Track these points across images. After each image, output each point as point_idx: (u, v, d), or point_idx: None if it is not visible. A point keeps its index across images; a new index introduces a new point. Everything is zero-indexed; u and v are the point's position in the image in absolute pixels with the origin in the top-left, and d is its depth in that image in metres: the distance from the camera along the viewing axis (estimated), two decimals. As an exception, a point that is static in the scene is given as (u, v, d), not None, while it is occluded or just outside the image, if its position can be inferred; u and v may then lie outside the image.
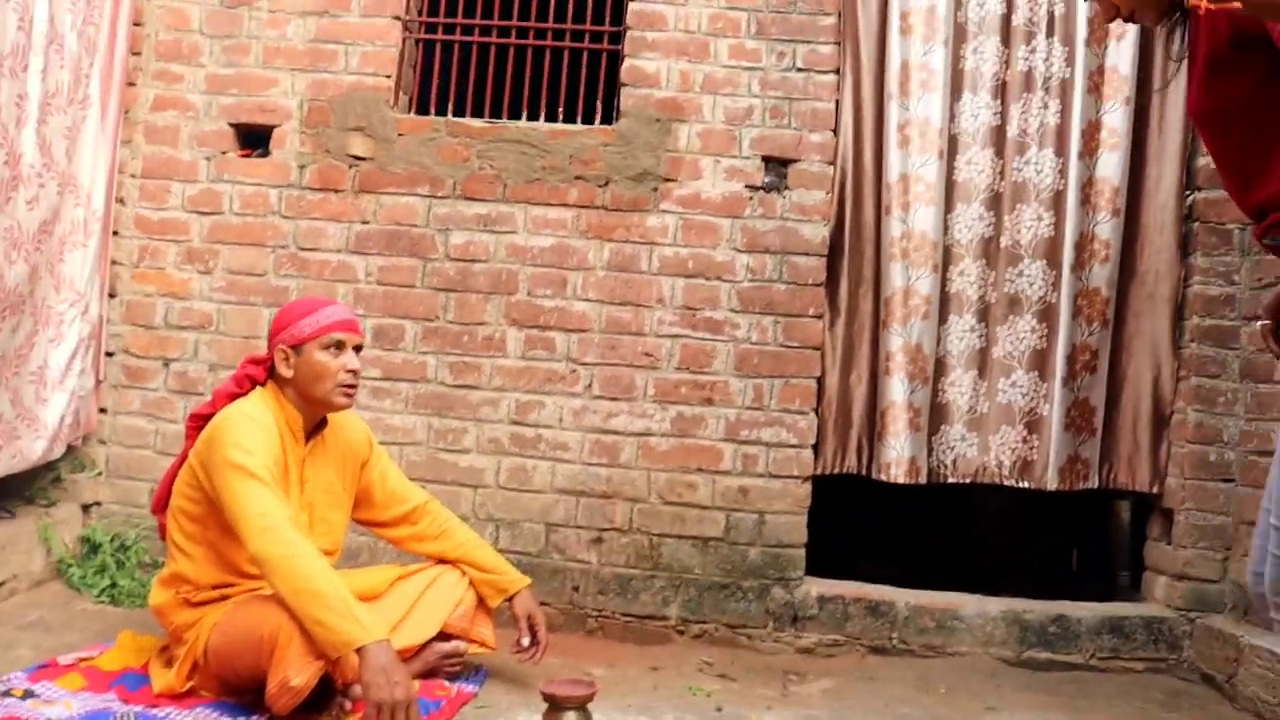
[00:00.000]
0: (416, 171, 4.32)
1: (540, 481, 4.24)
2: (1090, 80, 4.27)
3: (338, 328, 3.18)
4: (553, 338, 4.28)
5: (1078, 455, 4.29)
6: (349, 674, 2.84)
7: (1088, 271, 4.27)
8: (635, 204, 4.27)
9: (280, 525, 2.88)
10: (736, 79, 4.30)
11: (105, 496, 4.37)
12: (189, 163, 4.42)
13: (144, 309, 4.40)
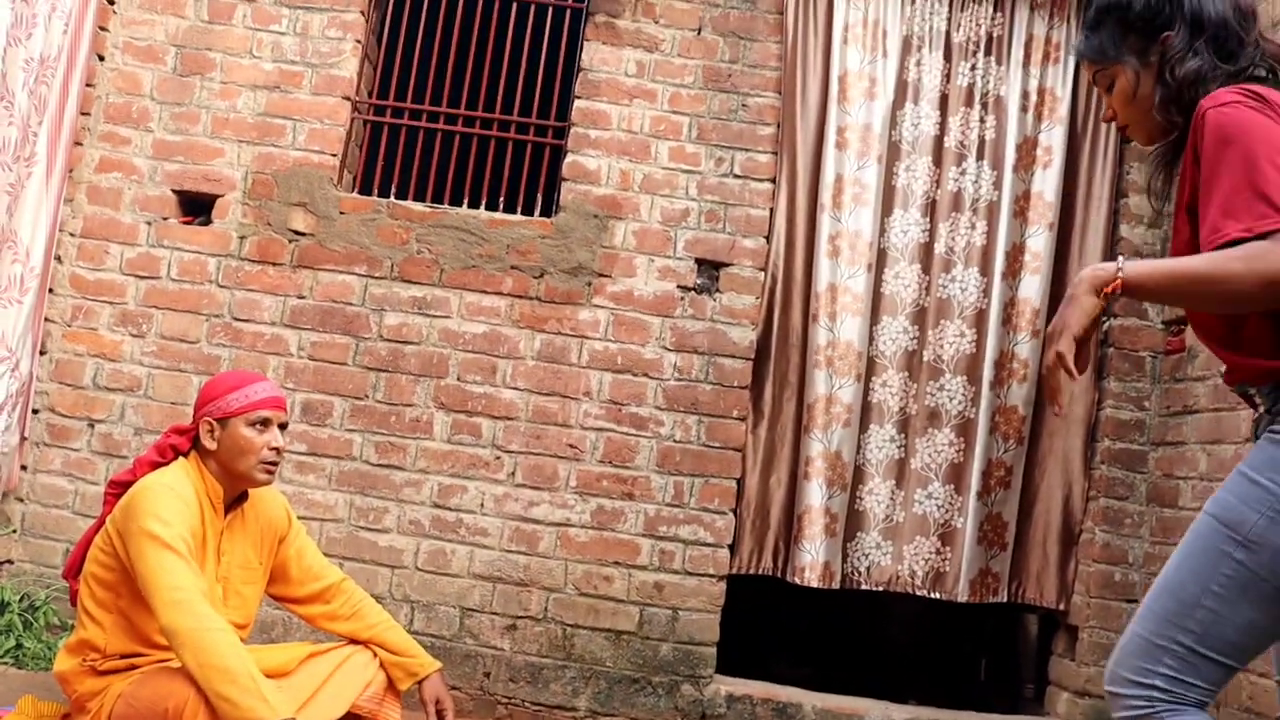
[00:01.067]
0: (355, 250, 4.38)
1: (458, 565, 4.26)
2: (1016, 204, 4.42)
3: (266, 405, 3.19)
4: (479, 423, 4.32)
5: (989, 569, 4.37)
6: (250, 754, 2.84)
7: (1006, 389, 4.39)
8: (569, 297, 4.34)
9: (192, 599, 2.87)
10: (675, 180, 4.41)
11: (18, 555, 4.32)
12: (130, 225, 4.45)
13: (73, 368, 4.40)
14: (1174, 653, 1.94)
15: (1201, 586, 1.95)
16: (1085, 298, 2.02)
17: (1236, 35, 2.14)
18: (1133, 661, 1.99)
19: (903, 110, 4.48)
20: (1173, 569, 2.00)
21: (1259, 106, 1.98)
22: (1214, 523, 1.97)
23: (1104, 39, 2.24)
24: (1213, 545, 1.96)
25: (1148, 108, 2.20)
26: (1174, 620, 1.96)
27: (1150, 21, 2.17)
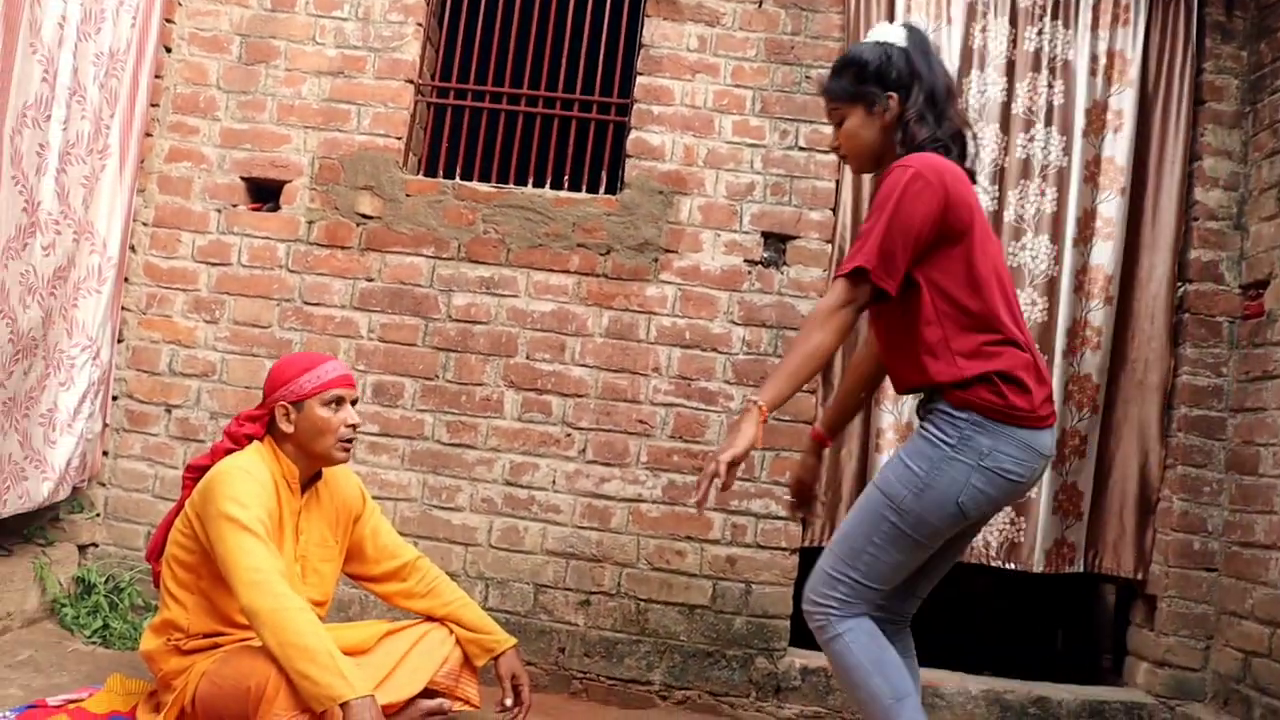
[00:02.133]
0: (422, 232, 4.41)
1: (531, 542, 4.29)
2: (1086, 170, 4.36)
3: (338, 384, 3.23)
4: (549, 401, 4.34)
5: (1064, 539, 4.33)
6: (333, 729, 2.89)
7: (1079, 358, 4.34)
8: (636, 273, 4.35)
9: (271, 579, 2.92)
10: (739, 155, 4.40)
11: (102, 538, 4.41)
12: (200, 214, 4.51)
13: (149, 355, 4.48)
14: (846, 583, 2.75)
15: (866, 538, 2.74)
16: (746, 426, 2.63)
17: (942, 110, 2.79)
18: (818, 588, 2.77)
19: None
20: (850, 521, 2.79)
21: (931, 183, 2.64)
22: (878, 493, 2.76)
23: (843, 84, 2.86)
24: (876, 510, 2.74)
25: (865, 145, 2.87)
26: (848, 559, 2.75)
27: (881, 81, 2.81)
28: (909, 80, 2.80)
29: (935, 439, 2.71)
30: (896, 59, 2.81)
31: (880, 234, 2.64)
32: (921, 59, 2.83)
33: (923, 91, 2.80)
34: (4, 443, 3.66)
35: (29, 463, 3.83)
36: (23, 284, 3.65)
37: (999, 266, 2.77)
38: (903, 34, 2.88)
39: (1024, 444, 2.69)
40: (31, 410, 3.83)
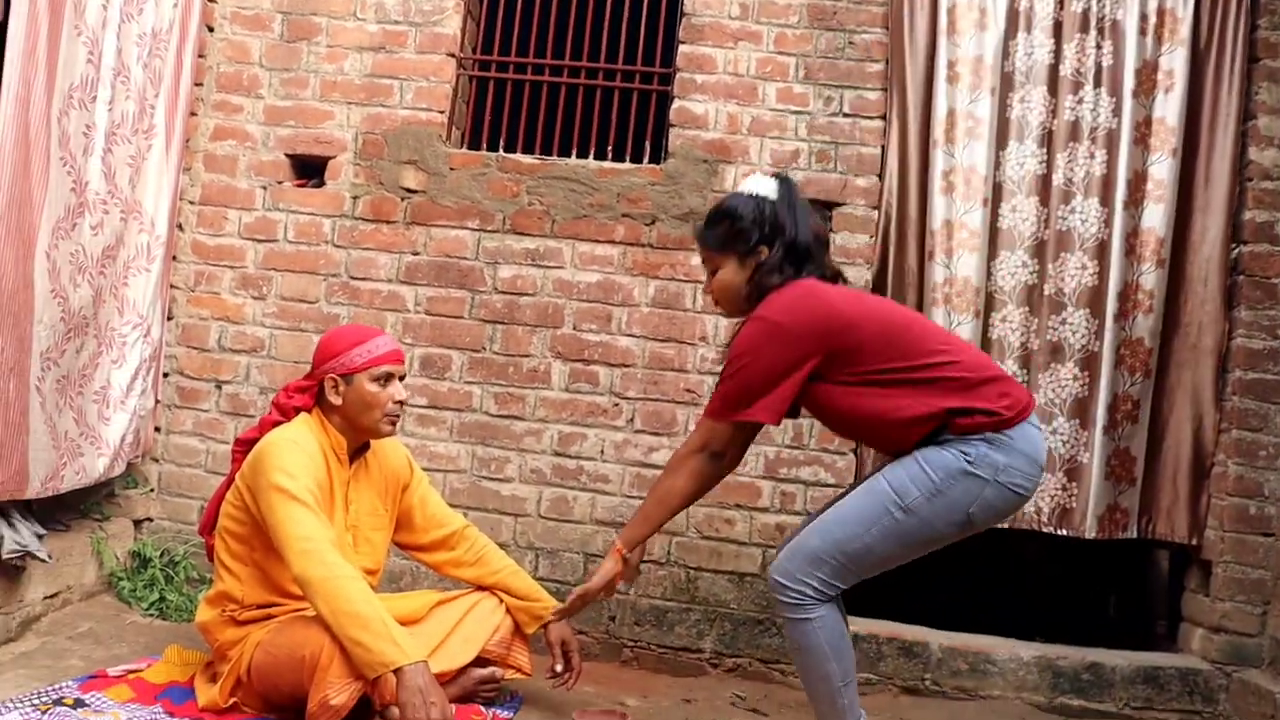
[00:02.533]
0: (467, 205, 4.42)
1: (580, 512, 4.30)
2: (1137, 131, 4.30)
3: (388, 359, 3.24)
4: (596, 371, 4.35)
5: (1117, 504, 4.29)
6: (387, 695, 2.89)
7: (1131, 321, 4.28)
8: (681, 243, 4.33)
9: (322, 548, 2.94)
10: (784, 122, 4.37)
11: (156, 513, 4.47)
12: (246, 191, 4.54)
13: (199, 332, 4.51)
14: (831, 566, 2.84)
15: (865, 528, 2.83)
16: (606, 564, 3.07)
17: (804, 258, 2.97)
18: (802, 566, 2.85)
19: (1015, 40, 4.37)
20: (848, 508, 2.89)
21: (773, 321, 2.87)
22: (886, 488, 2.84)
23: (718, 236, 3.04)
24: (881, 503, 2.83)
25: (736, 293, 3.04)
26: (840, 544, 2.83)
27: (754, 234, 2.98)
28: (774, 234, 2.98)
29: (955, 453, 2.81)
30: (768, 212, 2.99)
31: (734, 389, 2.90)
32: (787, 212, 3.01)
33: (783, 245, 2.97)
34: (60, 420, 3.70)
35: (84, 439, 3.88)
36: (73, 263, 3.69)
37: (900, 314, 3.02)
38: (774, 186, 3.05)
39: (1030, 457, 2.84)
40: (85, 388, 3.87)
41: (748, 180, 3.12)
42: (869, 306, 2.96)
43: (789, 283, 2.93)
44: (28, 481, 3.53)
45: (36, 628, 3.75)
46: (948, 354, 2.89)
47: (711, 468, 3.04)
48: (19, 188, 3.36)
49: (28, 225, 3.41)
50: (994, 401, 2.83)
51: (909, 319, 2.99)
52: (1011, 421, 2.83)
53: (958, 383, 2.84)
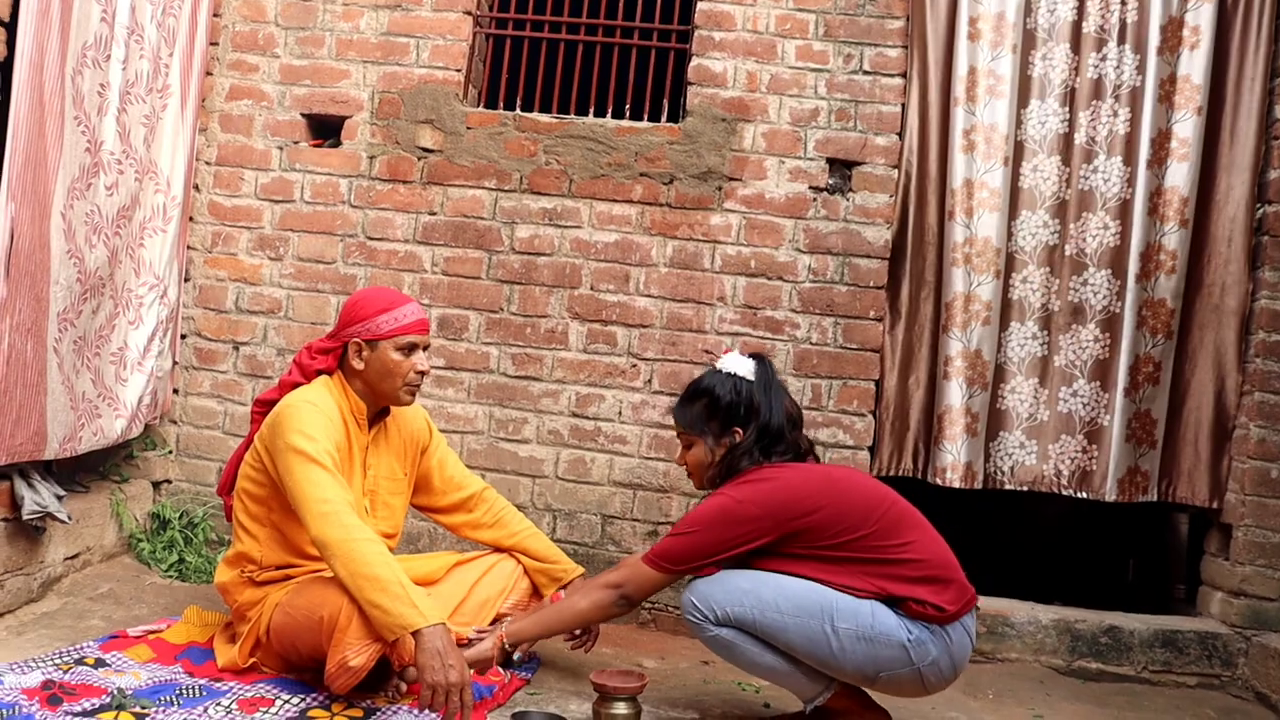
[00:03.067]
0: (484, 165, 4.39)
1: (598, 474, 4.30)
2: (1161, 89, 4.24)
3: (414, 329, 3.21)
4: (614, 332, 4.33)
5: (1137, 467, 4.26)
6: (405, 656, 2.92)
7: (1153, 282, 4.24)
8: (699, 202, 4.30)
9: (340, 510, 2.94)
10: (803, 80, 4.32)
11: (175, 474, 4.48)
12: (262, 151, 4.52)
13: (216, 293, 4.51)
14: (744, 617, 2.89)
15: (793, 616, 2.87)
16: (485, 644, 3.15)
17: (776, 439, 3.03)
18: (721, 597, 2.91)
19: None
20: (794, 587, 2.89)
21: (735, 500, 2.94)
22: (834, 603, 2.86)
23: (694, 415, 3.11)
24: (820, 606, 2.86)
25: (707, 470, 3.11)
26: (765, 609, 2.88)
27: (730, 416, 3.05)
28: (748, 417, 3.04)
29: (901, 624, 2.86)
30: (744, 393, 3.06)
31: (683, 548, 2.96)
32: (763, 394, 3.07)
33: (757, 428, 3.03)
34: (77, 381, 3.71)
35: (102, 400, 3.88)
36: (89, 224, 3.68)
37: (867, 497, 2.99)
38: (751, 367, 3.12)
39: (956, 661, 2.95)
40: (102, 349, 3.87)
41: (726, 358, 3.17)
42: (836, 489, 2.97)
43: (757, 467, 3.00)
44: (46, 442, 3.54)
45: (58, 588, 3.78)
46: (914, 546, 2.93)
47: (617, 610, 3.10)
48: (34, 148, 3.34)
49: (43, 185, 3.40)
50: (943, 597, 2.88)
51: (877, 502, 2.98)
52: (954, 619, 2.88)
53: (915, 569, 2.89)
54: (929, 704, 3.53)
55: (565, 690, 3.35)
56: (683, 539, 2.96)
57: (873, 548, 2.88)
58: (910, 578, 2.87)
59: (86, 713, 2.72)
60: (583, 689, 3.26)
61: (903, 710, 3.36)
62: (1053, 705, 3.70)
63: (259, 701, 2.94)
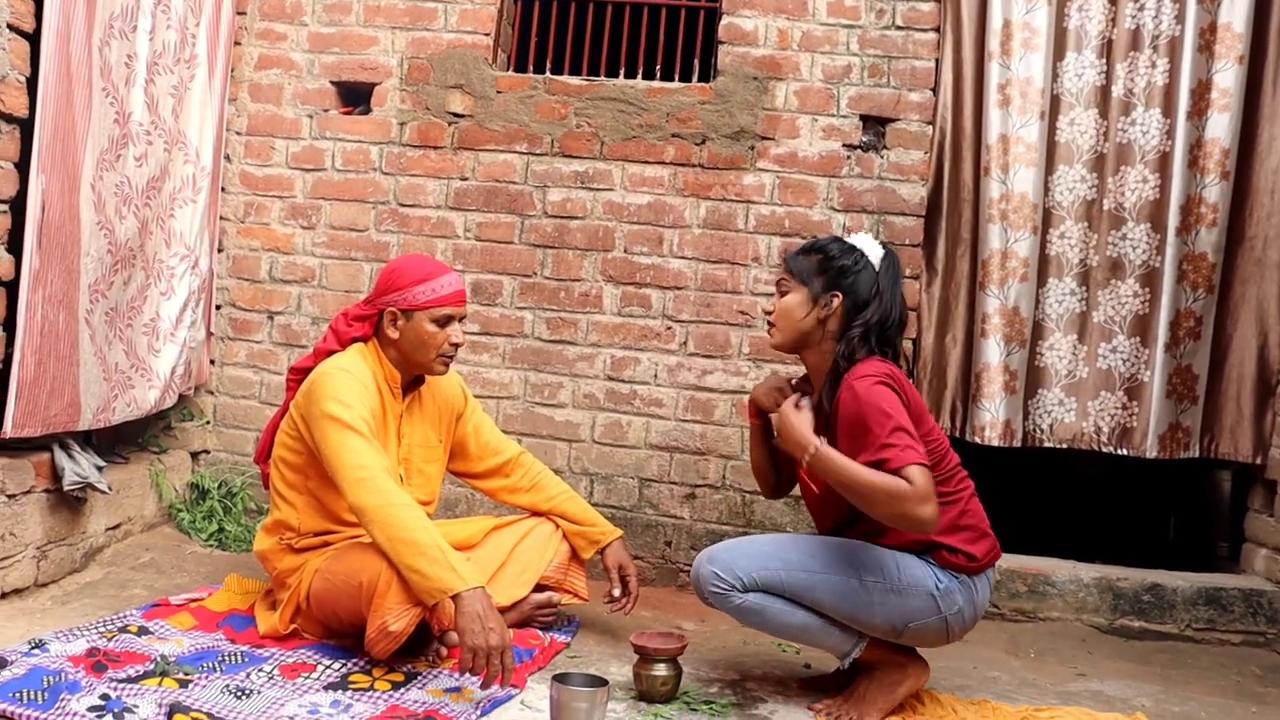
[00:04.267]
0: (515, 129, 4.36)
1: (635, 437, 4.29)
2: (1201, 38, 4.15)
3: (450, 301, 3.19)
4: (649, 295, 4.31)
5: (1179, 423, 4.21)
6: (445, 621, 2.91)
7: (1194, 235, 4.18)
8: (732, 162, 4.26)
9: (377, 476, 2.94)
10: (835, 37, 4.26)
11: (213, 445, 4.51)
12: (292, 120, 4.51)
13: (249, 263, 4.51)
14: (770, 578, 2.86)
15: (822, 571, 2.86)
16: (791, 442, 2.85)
17: (888, 338, 2.91)
18: (744, 562, 2.88)
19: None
20: (817, 544, 2.92)
21: (893, 386, 2.77)
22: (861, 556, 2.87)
23: (804, 264, 2.95)
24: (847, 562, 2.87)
25: (794, 327, 2.95)
26: (791, 567, 2.86)
27: (837, 277, 2.91)
28: (867, 297, 2.90)
29: (930, 573, 2.86)
30: (863, 271, 2.92)
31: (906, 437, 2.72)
32: (889, 283, 2.94)
33: (878, 313, 2.89)
34: (110, 352, 3.72)
35: (135, 371, 3.90)
36: (118, 195, 3.68)
37: (942, 436, 2.97)
38: (880, 254, 2.97)
39: (978, 609, 2.94)
40: (134, 320, 3.88)
41: (857, 235, 3.03)
42: (929, 419, 2.95)
43: (872, 358, 2.87)
44: (80, 414, 3.55)
45: (100, 558, 3.81)
46: (965, 493, 2.93)
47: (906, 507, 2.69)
48: (62, 119, 3.34)
49: (72, 157, 3.40)
50: (976, 547, 2.88)
51: (949, 447, 2.97)
52: (981, 569, 2.89)
53: (961, 516, 2.88)
54: (971, 663, 3.53)
55: (605, 653, 3.35)
56: (899, 434, 2.70)
57: (945, 493, 2.83)
58: (954, 524, 2.85)
59: (131, 679, 2.75)
60: (623, 651, 3.26)
61: (944, 670, 3.36)
62: (1095, 663, 3.67)
63: (300, 667, 2.96)
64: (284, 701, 2.71)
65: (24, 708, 2.51)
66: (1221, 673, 3.70)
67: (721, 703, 3.00)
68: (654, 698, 2.95)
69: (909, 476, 2.63)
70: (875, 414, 2.72)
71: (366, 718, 2.65)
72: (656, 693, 2.95)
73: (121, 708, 2.55)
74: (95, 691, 2.62)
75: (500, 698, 2.85)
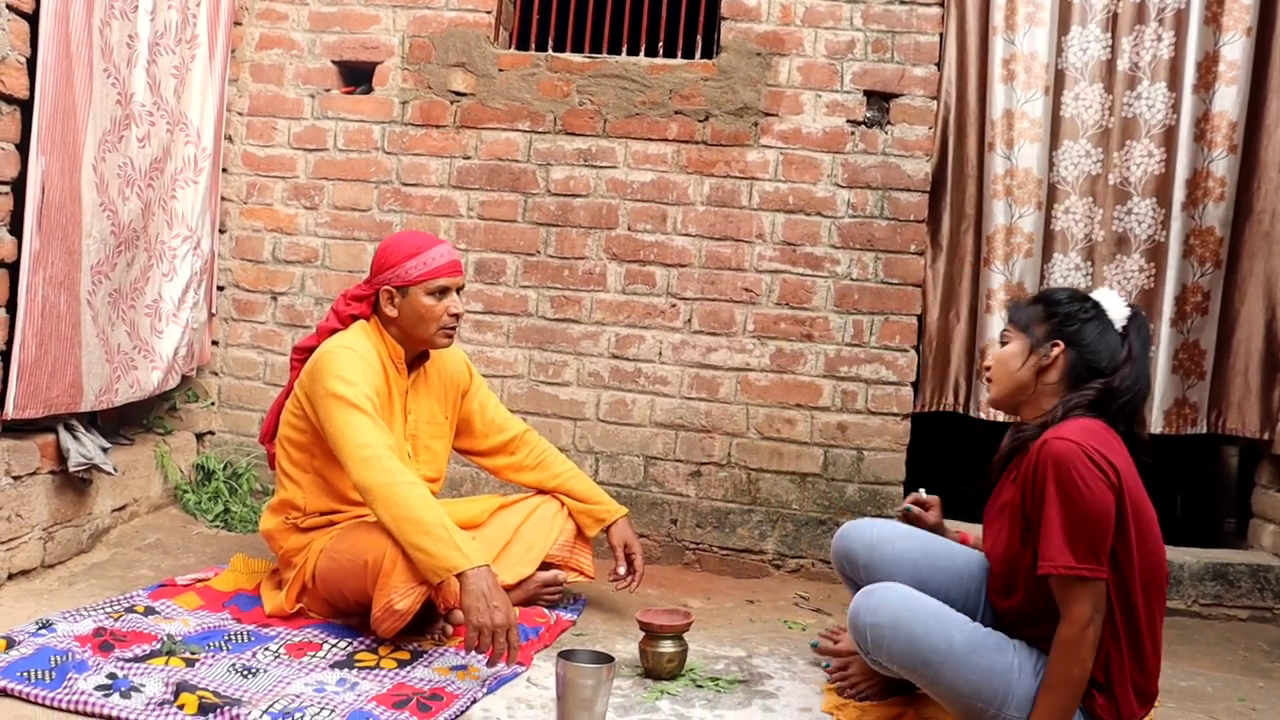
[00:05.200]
0: (517, 107, 4.34)
1: (640, 415, 4.28)
2: (1208, 10, 4.12)
3: (444, 272, 3.18)
4: (653, 272, 4.29)
5: (1185, 399, 4.20)
6: (451, 599, 2.92)
7: (1200, 210, 4.15)
8: (735, 139, 4.24)
9: (382, 454, 2.93)
10: (838, 12, 4.23)
11: (218, 426, 4.50)
12: (294, 100, 4.49)
13: (252, 244, 4.50)
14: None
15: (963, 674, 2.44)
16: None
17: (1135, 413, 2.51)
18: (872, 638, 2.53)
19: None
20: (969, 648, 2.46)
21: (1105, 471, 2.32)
22: (991, 686, 2.42)
23: (1027, 313, 2.64)
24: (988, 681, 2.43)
25: (1009, 379, 2.63)
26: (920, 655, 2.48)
27: (1062, 325, 2.57)
28: (1100, 352, 2.52)
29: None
30: (1091, 322, 2.55)
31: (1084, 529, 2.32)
32: (1140, 347, 2.53)
33: (1122, 380, 2.48)
34: (113, 333, 3.71)
35: (138, 352, 3.89)
36: (121, 176, 3.67)
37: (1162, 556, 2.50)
38: (1124, 312, 2.59)
39: None
40: (137, 301, 3.87)
41: (1100, 291, 2.65)
42: (1148, 516, 2.45)
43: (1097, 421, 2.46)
44: (82, 395, 3.55)
45: (106, 539, 3.81)
46: (1158, 634, 2.48)
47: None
48: (63, 100, 3.32)
49: (73, 138, 3.39)
50: (1134, 709, 2.43)
51: (1162, 558, 2.49)
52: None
53: (1142, 665, 2.44)
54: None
55: (611, 630, 3.35)
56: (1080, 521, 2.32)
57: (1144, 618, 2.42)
58: (1132, 681, 2.43)
59: (137, 658, 2.75)
60: (628, 629, 3.25)
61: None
62: (1103, 638, 3.66)
63: (306, 646, 2.96)
64: (290, 680, 2.70)
65: (31, 687, 2.52)
66: (1228, 648, 3.70)
67: (728, 679, 2.99)
68: (660, 674, 2.94)
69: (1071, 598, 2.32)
70: (1071, 506, 2.32)
71: (372, 696, 2.64)
72: (663, 669, 2.94)
73: (128, 686, 2.55)
74: (102, 671, 2.63)
75: (506, 675, 2.85)
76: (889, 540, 2.90)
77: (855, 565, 2.92)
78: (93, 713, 2.47)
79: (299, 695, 2.59)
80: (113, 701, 2.49)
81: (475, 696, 2.71)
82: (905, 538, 2.91)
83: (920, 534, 2.95)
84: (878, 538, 2.91)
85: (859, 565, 2.90)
